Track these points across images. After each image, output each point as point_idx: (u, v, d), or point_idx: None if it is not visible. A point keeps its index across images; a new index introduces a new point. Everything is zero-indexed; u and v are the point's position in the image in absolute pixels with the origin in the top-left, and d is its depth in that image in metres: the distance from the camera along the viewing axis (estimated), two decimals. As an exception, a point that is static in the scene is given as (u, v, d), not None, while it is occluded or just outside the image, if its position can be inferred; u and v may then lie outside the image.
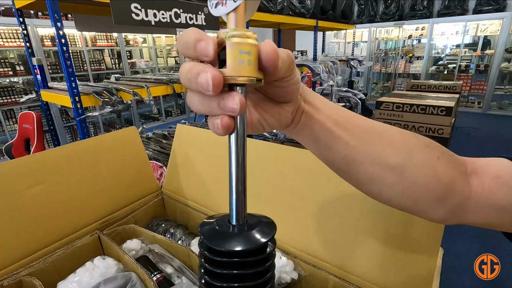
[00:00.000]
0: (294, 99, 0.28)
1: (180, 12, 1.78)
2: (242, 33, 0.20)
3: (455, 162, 0.31)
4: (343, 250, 0.54)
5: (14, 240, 0.57)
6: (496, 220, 0.30)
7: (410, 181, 0.29)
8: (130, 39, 5.10)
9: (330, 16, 3.58)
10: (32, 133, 1.71)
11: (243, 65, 0.20)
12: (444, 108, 2.59)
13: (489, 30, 5.20)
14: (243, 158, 0.23)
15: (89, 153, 0.70)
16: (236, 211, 0.24)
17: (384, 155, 0.29)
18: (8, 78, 3.71)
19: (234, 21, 0.21)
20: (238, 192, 0.24)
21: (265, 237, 0.24)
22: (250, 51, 0.20)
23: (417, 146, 0.30)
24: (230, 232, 0.24)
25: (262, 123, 0.27)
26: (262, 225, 0.25)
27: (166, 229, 0.78)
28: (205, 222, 0.26)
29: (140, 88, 1.69)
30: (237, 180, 0.24)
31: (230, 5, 0.21)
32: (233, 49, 0.20)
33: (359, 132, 0.29)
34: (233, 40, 0.20)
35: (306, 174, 0.59)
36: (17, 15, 1.66)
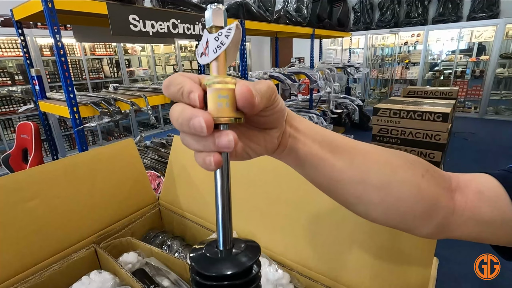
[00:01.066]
0: (279, 125, 0.29)
1: (177, 22, 1.80)
2: (221, 80, 0.23)
3: (439, 178, 0.32)
4: (338, 262, 0.54)
5: (11, 255, 0.57)
6: (481, 233, 0.31)
7: (395, 199, 0.29)
8: (129, 47, 5.14)
9: (326, 24, 3.63)
10: (30, 144, 1.71)
11: (222, 108, 0.23)
12: (440, 114, 2.61)
13: (484, 36, 5.27)
14: (227, 189, 0.25)
15: (86, 166, 0.71)
16: (223, 237, 0.26)
17: (368, 175, 0.30)
18: (7, 88, 3.72)
19: (216, 69, 0.24)
20: (225, 220, 0.26)
21: (250, 261, 0.26)
22: (228, 95, 0.23)
23: (400, 164, 0.31)
24: (218, 258, 0.26)
25: (247, 151, 0.28)
26: (248, 249, 0.27)
27: (163, 241, 0.78)
28: (195, 248, 0.28)
29: (138, 98, 1.70)
30: (223, 209, 0.26)
31: (211, 56, 0.24)
32: (213, 94, 0.23)
33: (344, 154, 0.30)
34: (213, 86, 0.23)
35: (301, 186, 0.59)
36: (16, 27, 1.68)
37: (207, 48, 0.24)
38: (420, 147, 2.77)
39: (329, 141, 0.30)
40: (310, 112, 3.48)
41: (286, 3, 3.06)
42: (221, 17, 0.24)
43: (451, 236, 0.32)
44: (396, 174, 0.30)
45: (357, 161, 0.30)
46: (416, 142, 2.78)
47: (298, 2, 3.05)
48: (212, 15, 0.24)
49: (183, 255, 0.73)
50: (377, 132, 2.99)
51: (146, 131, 5.34)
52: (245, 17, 2.37)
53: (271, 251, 0.63)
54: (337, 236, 0.54)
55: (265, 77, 2.73)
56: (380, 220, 0.31)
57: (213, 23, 0.24)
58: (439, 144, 2.68)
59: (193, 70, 5.95)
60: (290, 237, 0.60)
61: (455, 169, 2.07)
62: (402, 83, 6.27)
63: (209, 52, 0.24)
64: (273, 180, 0.64)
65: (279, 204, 0.62)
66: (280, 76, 2.83)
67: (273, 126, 0.28)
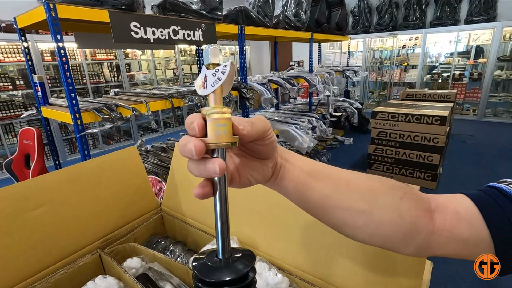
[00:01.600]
0: (272, 155, 0.33)
1: (178, 29, 1.83)
2: (219, 110, 0.27)
3: (418, 200, 0.34)
4: (334, 267, 0.56)
5: (18, 261, 0.59)
6: (462, 251, 0.33)
7: (378, 222, 0.32)
8: (129, 52, 5.18)
9: (325, 29, 3.66)
10: (32, 149, 1.73)
11: (220, 135, 0.27)
12: (438, 117, 2.63)
13: (481, 39, 5.31)
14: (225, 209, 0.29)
15: (90, 174, 0.73)
16: (222, 247, 0.30)
17: (351, 201, 0.33)
18: (8, 92, 3.74)
19: (213, 100, 0.28)
20: (224, 233, 0.30)
21: (246, 268, 0.29)
22: (225, 123, 0.27)
23: (381, 189, 0.33)
24: (218, 266, 0.29)
25: (249, 179, 0.33)
26: (244, 257, 0.31)
27: (166, 246, 0.80)
28: (196, 257, 0.32)
29: (139, 103, 1.73)
30: (222, 225, 0.29)
31: (209, 89, 0.28)
32: (212, 123, 0.27)
33: (328, 182, 0.34)
34: (212, 116, 0.27)
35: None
36: (19, 33, 1.70)
37: (206, 82, 0.28)
38: (418, 150, 2.79)
39: (315, 170, 0.34)
40: (309, 116, 3.51)
41: (285, 8, 3.09)
42: (218, 56, 0.28)
43: (433, 254, 0.34)
44: (377, 199, 0.33)
45: (341, 188, 0.33)
46: (415, 145, 2.80)
47: (297, 7, 3.08)
48: (210, 54, 0.28)
49: (185, 260, 0.74)
50: (376, 135, 3.01)
51: (146, 134, 5.36)
52: (244, 22, 2.40)
53: (270, 256, 0.65)
54: (333, 242, 0.56)
55: (265, 81, 2.76)
56: (366, 242, 0.34)
57: (210, 60, 0.28)
58: (438, 147, 2.70)
59: (193, 73, 5.98)
60: (289, 242, 0.62)
61: (454, 171, 2.11)
62: (400, 86, 6.31)
63: (207, 85, 0.27)
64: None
65: (278, 210, 0.64)
66: (279, 80, 2.86)
67: (268, 156, 0.33)
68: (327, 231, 0.57)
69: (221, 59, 0.28)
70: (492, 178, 3.08)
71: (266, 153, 0.32)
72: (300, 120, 3.30)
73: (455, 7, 5.45)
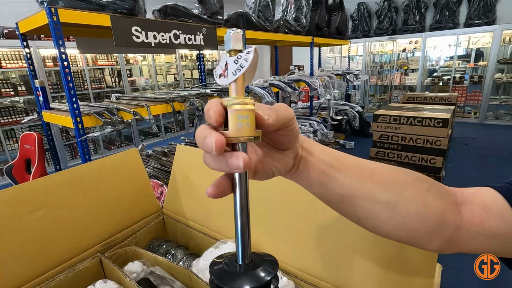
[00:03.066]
0: (294, 146, 0.31)
1: (179, 33, 1.84)
2: (241, 101, 0.24)
3: (445, 193, 0.32)
4: (342, 270, 0.54)
5: (17, 265, 0.58)
6: (491, 247, 0.31)
7: (403, 215, 0.30)
8: (130, 57, 5.21)
9: (325, 33, 3.68)
10: (33, 154, 1.72)
11: (242, 128, 0.24)
12: (440, 120, 2.62)
13: (481, 43, 5.33)
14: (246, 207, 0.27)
15: (91, 176, 0.72)
16: (242, 252, 0.27)
17: (376, 192, 0.31)
18: (10, 98, 3.75)
19: (235, 90, 0.25)
20: (244, 236, 0.27)
21: (269, 275, 0.27)
22: (248, 115, 0.24)
23: (407, 181, 0.32)
24: (237, 272, 0.27)
25: (272, 169, 0.31)
26: (266, 264, 0.28)
27: (167, 250, 0.78)
28: (214, 261, 0.29)
29: (140, 107, 1.72)
30: (243, 227, 0.27)
31: (231, 78, 0.25)
32: (234, 115, 0.24)
33: (352, 172, 0.32)
34: (234, 107, 0.24)
35: (305, 195, 0.60)
36: (21, 39, 1.71)
37: (227, 70, 0.25)
38: (421, 152, 2.77)
39: (337, 160, 0.32)
40: (310, 119, 3.50)
41: (285, 12, 3.11)
42: (240, 42, 0.25)
43: (460, 250, 0.32)
44: (402, 190, 0.31)
45: (365, 178, 0.32)
46: (417, 148, 2.79)
47: (297, 12, 3.10)
48: (232, 39, 0.25)
49: (187, 263, 0.73)
50: (377, 138, 3.00)
51: (147, 139, 5.36)
52: (245, 26, 2.41)
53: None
54: (340, 244, 0.55)
55: (266, 85, 2.76)
56: (390, 235, 0.32)
57: (232, 47, 0.25)
58: (440, 150, 2.68)
59: (194, 79, 6.00)
60: (294, 244, 0.61)
61: (456, 174, 2.09)
62: (401, 89, 6.31)
63: (228, 74, 0.25)
64: (277, 188, 0.65)
65: (284, 212, 0.63)
66: (280, 84, 2.86)
67: (289, 146, 0.31)
68: (334, 234, 0.56)
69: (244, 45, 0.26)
70: (495, 181, 3.07)
71: (288, 143, 0.31)
72: (302, 123, 3.30)
73: (454, 10, 5.48)
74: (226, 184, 0.26)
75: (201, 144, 0.24)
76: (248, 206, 0.27)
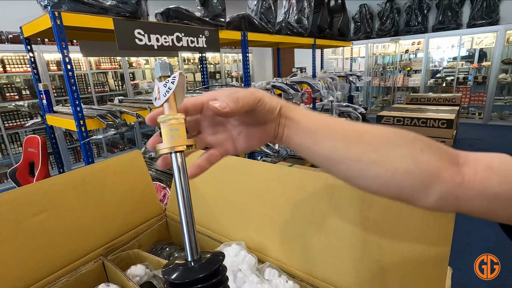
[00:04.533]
0: (270, 120, 0.34)
1: (181, 36, 1.84)
2: (172, 117, 0.29)
3: (444, 153, 0.32)
4: (349, 273, 0.53)
5: (19, 268, 0.57)
6: (491, 209, 0.30)
7: (391, 171, 0.31)
8: (133, 61, 5.24)
9: (327, 34, 3.67)
10: (36, 157, 1.73)
11: (174, 139, 0.28)
12: (445, 120, 2.60)
13: (484, 43, 5.30)
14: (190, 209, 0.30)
15: (94, 178, 0.71)
16: (190, 249, 0.30)
17: (363, 152, 0.32)
18: (14, 102, 3.78)
19: (168, 108, 0.30)
20: (190, 233, 0.29)
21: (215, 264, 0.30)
22: (178, 128, 0.29)
23: (398, 141, 0.32)
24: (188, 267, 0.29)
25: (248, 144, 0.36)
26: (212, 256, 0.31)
27: (171, 253, 0.77)
28: (166, 263, 0.32)
29: (143, 109, 1.72)
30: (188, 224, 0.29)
31: (162, 99, 0.30)
32: (165, 129, 0.29)
33: (338, 135, 0.33)
34: (165, 122, 0.29)
35: (309, 196, 0.59)
36: (25, 43, 1.72)
37: (159, 93, 0.30)
38: (425, 154, 2.74)
39: (324, 125, 0.34)
40: (313, 121, 3.49)
41: (287, 14, 3.11)
42: (167, 69, 0.30)
43: (460, 210, 0.31)
44: (391, 150, 0.32)
45: (351, 140, 0.33)
46: (421, 149, 2.76)
47: (299, 14, 3.10)
48: (160, 68, 0.30)
49: (191, 267, 0.72)
50: (381, 139, 2.98)
51: (150, 142, 5.36)
52: (247, 29, 2.41)
53: (281, 262, 0.62)
54: (347, 248, 0.53)
55: (268, 87, 2.75)
56: (381, 192, 0.33)
57: (161, 73, 0.30)
58: (445, 151, 2.65)
59: (196, 81, 6.02)
60: (301, 247, 0.60)
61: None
62: (404, 91, 6.28)
63: (160, 96, 0.30)
64: (283, 191, 0.64)
65: (289, 215, 0.62)
66: (283, 86, 2.85)
67: (265, 121, 0.34)
68: (341, 237, 0.55)
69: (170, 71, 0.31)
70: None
71: (263, 120, 0.33)
72: (304, 125, 3.28)
73: (457, 11, 5.46)
74: None
75: None
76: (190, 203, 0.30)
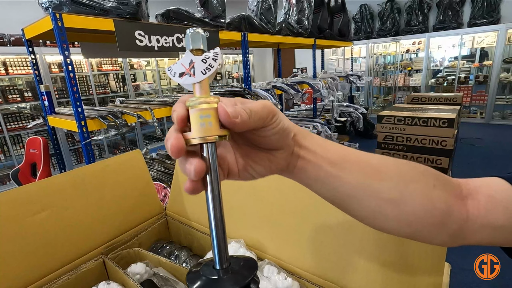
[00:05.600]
0: (284, 146, 0.28)
1: (182, 37, 1.85)
2: (203, 100, 0.24)
3: (450, 186, 0.31)
4: (347, 270, 0.53)
5: (20, 267, 0.58)
6: (496, 238, 0.30)
7: (409, 212, 0.29)
8: (134, 62, 5.26)
9: (327, 35, 3.68)
10: (38, 158, 1.74)
11: (205, 127, 0.23)
12: (446, 120, 2.59)
13: (485, 42, 5.28)
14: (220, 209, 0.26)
15: (94, 177, 0.72)
16: (219, 256, 0.26)
17: (381, 190, 0.29)
18: (16, 104, 3.81)
19: (199, 89, 0.25)
20: (219, 239, 0.26)
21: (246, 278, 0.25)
22: (210, 114, 0.24)
23: (412, 176, 0.31)
24: (216, 278, 0.25)
25: (250, 172, 0.29)
26: (244, 266, 0.27)
27: (171, 251, 0.78)
28: (191, 270, 0.28)
29: (144, 110, 1.73)
30: (217, 230, 0.26)
31: (199, 77, 0.24)
32: (195, 115, 0.24)
33: (356, 170, 0.30)
34: (195, 107, 0.24)
35: (308, 195, 0.59)
36: (27, 45, 1.74)
37: (193, 69, 0.24)
38: (426, 153, 2.74)
39: (340, 157, 0.30)
40: (314, 121, 3.49)
41: (288, 15, 3.12)
42: (199, 40, 0.25)
43: (466, 243, 0.32)
44: (408, 187, 0.30)
45: (369, 176, 0.30)
46: (423, 148, 2.75)
47: (299, 14, 3.10)
48: (191, 39, 0.25)
49: (190, 265, 0.72)
50: (382, 139, 2.97)
51: (152, 143, 5.38)
52: (247, 29, 2.41)
53: (279, 259, 0.62)
54: (345, 245, 0.54)
55: (269, 87, 2.76)
56: (396, 233, 0.31)
57: (192, 46, 0.25)
58: (446, 150, 2.65)
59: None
60: (299, 245, 0.60)
61: (463, 176, 2.05)
62: (405, 91, 6.27)
63: (196, 73, 0.24)
64: (280, 189, 0.64)
65: (287, 213, 0.62)
66: (283, 86, 2.86)
67: (277, 147, 0.28)
68: (339, 234, 0.55)
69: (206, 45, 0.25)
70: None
71: (275, 144, 0.28)
72: (305, 125, 3.29)
73: (457, 10, 5.45)
74: (198, 182, 0.25)
75: (166, 147, 0.24)
76: (221, 207, 0.26)
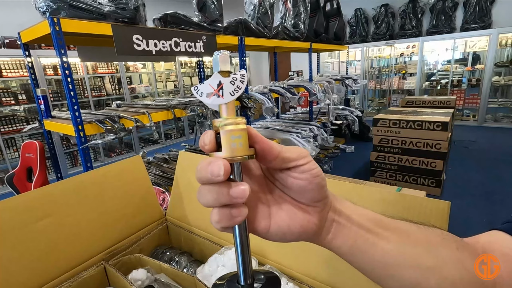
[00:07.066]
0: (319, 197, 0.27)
1: (179, 41, 1.85)
2: (233, 121, 0.25)
3: (467, 246, 0.31)
4: (348, 275, 0.54)
5: (22, 274, 0.58)
6: None
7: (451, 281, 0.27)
8: (130, 65, 5.24)
9: (323, 38, 3.71)
10: (34, 162, 1.72)
11: (235, 148, 0.24)
12: (440, 123, 2.64)
13: (478, 46, 5.38)
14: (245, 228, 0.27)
15: (95, 184, 0.72)
16: (244, 272, 0.27)
17: (417, 256, 0.28)
18: (10, 107, 3.77)
19: (226, 110, 0.26)
20: (245, 255, 0.27)
21: None
22: (240, 135, 0.25)
23: (437, 240, 0.30)
24: None
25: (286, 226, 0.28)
26: (268, 283, 0.28)
27: (171, 257, 0.78)
28: (216, 283, 0.28)
29: (141, 114, 1.73)
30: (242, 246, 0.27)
31: (228, 98, 0.25)
32: (226, 136, 0.24)
33: (390, 235, 0.28)
34: (226, 128, 0.24)
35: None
36: (23, 49, 1.73)
37: (221, 89, 0.25)
38: (421, 156, 2.78)
39: (373, 222, 0.29)
40: (310, 124, 3.51)
41: (284, 19, 3.15)
42: (227, 63, 0.26)
43: None
44: (440, 253, 0.28)
45: (404, 241, 0.28)
46: (417, 151, 2.79)
47: (296, 18, 3.13)
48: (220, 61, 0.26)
49: (191, 270, 0.73)
50: (378, 142, 3.01)
51: (148, 146, 5.36)
52: (244, 33, 2.43)
53: (280, 264, 0.63)
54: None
55: (265, 90, 2.78)
56: None
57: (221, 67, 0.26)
58: (440, 153, 2.69)
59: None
60: (299, 250, 0.61)
61: (457, 177, 2.09)
62: (400, 93, 6.34)
63: (224, 94, 0.25)
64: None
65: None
66: (280, 90, 2.88)
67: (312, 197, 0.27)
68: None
69: None
70: (496, 184, 3.01)
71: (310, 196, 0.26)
72: (302, 129, 3.30)
73: (450, 15, 5.55)
74: None
75: (204, 171, 0.23)
76: (245, 223, 0.26)
